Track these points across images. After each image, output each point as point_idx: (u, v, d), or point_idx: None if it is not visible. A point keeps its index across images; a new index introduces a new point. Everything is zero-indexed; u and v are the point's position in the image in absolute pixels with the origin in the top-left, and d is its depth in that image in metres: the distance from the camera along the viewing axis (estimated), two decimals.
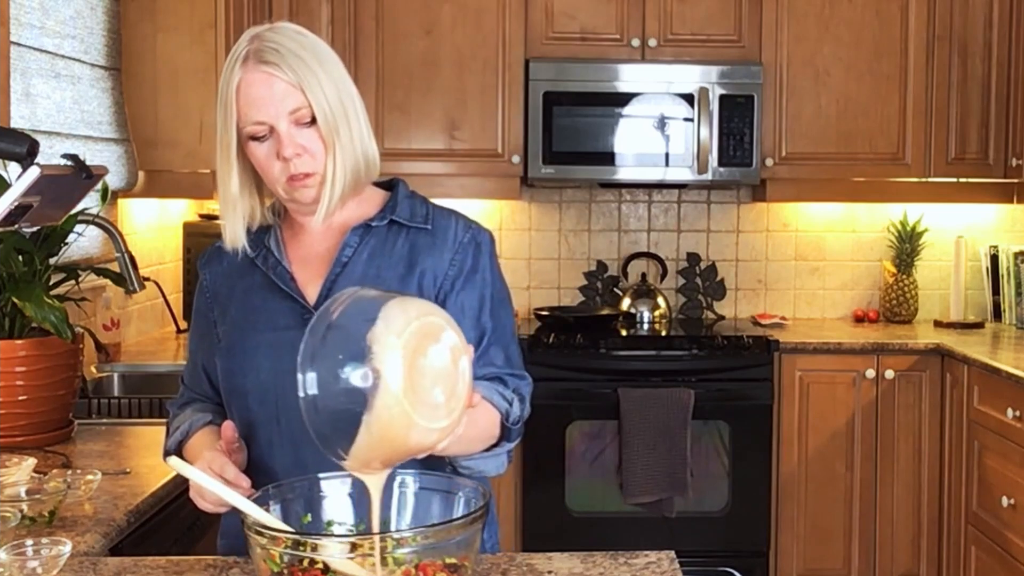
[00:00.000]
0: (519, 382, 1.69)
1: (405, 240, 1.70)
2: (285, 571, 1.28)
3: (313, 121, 1.60)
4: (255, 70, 1.60)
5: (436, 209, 1.75)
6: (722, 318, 4.54)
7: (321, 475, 1.47)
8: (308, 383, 1.26)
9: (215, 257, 1.78)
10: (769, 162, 4.18)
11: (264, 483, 1.63)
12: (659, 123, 4.09)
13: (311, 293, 1.67)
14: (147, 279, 2.97)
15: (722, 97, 4.08)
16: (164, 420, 2.73)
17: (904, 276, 4.43)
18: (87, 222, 2.70)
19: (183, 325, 3.76)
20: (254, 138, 1.61)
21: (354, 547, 1.27)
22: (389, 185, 1.78)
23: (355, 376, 1.25)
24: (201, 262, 1.81)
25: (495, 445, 1.61)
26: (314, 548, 1.27)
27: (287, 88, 1.59)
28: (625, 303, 4.42)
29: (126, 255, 2.79)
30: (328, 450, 1.30)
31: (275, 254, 1.70)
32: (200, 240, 3.86)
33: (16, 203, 1.56)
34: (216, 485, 1.43)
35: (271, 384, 1.64)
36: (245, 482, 1.51)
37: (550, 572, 1.55)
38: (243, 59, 1.60)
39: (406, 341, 1.25)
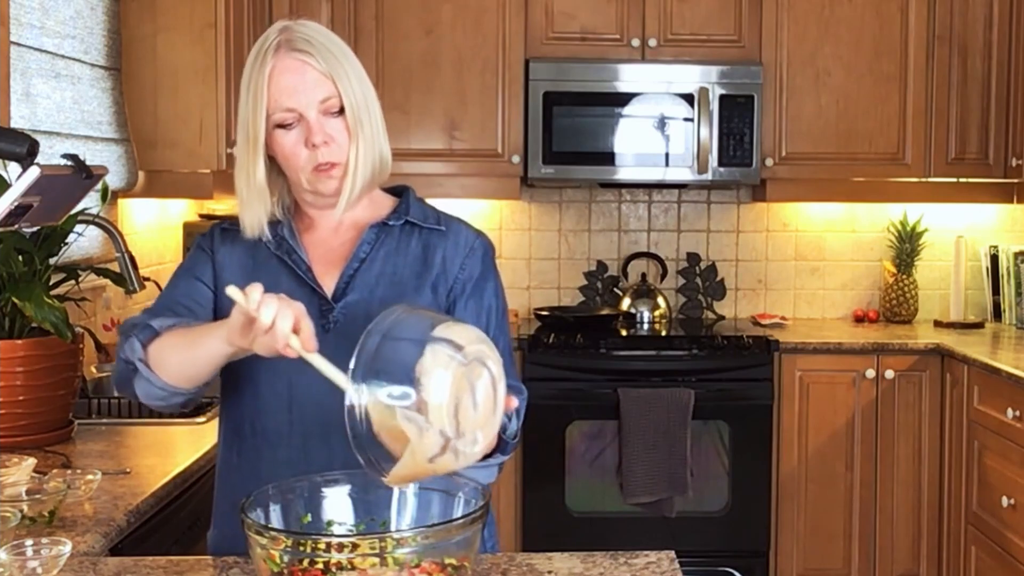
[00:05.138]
0: (517, 396, 1.71)
1: (419, 240, 1.74)
2: (285, 571, 1.28)
3: (341, 111, 1.64)
4: (288, 57, 1.63)
5: (443, 214, 1.79)
6: (722, 318, 4.54)
7: (321, 475, 1.47)
8: (360, 393, 1.30)
9: (220, 236, 1.77)
10: (769, 162, 4.18)
11: (270, 470, 1.64)
12: (659, 123, 4.09)
13: (326, 285, 1.69)
14: (147, 279, 2.96)
15: (722, 97, 4.08)
16: (164, 420, 2.74)
17: (904, 276, 4.43)
18: (87, 222, 2.70)
19: None
20: (281, 126, 1.64)
21: (354, 547, 1.27)
22: (395, 191, 1.81)
23: (403, 402, 1.30)
24: (202, 236, 1.78)
25: (488, 455, 1.62)
26: (314, 548, 1.28)
27: (319, 77, 1.63)
28: (625, 303, 4.42)
29: (126, 255, 2.79)
30: (365, 460, 1.32)
31: (289, 242, 1.71)
32: None
33: (16, 203, 1.56)
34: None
35: (284, 371, 1.64)
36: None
37: (550, 572, 1.55)
38: (275, 48, 1.63)
39: (452, 375, 1.30)
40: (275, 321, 1.37)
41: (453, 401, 1.30)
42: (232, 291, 1.41)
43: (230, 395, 1.73)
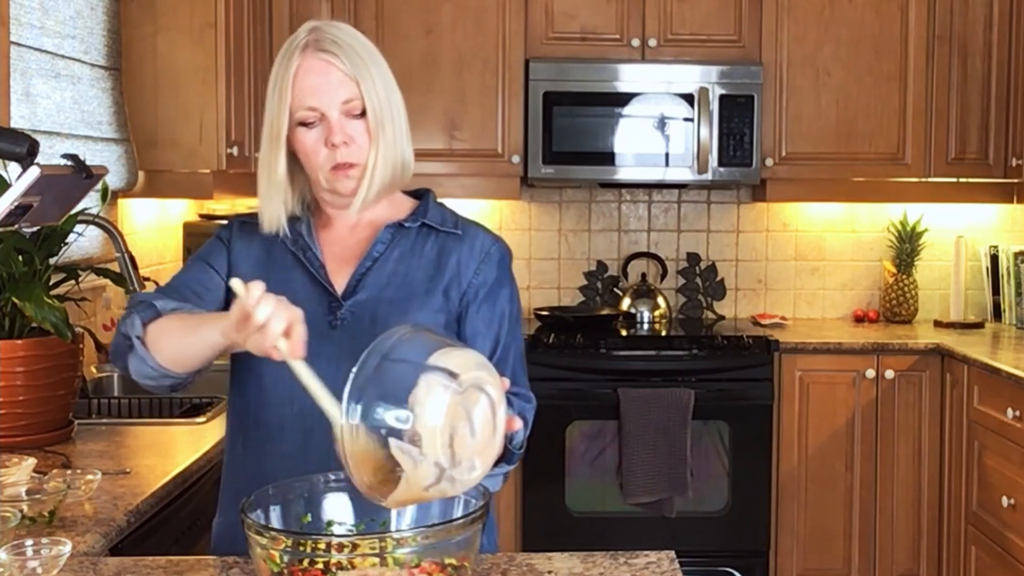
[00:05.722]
0: (525, 405, 1.72)
1: (434, 244, 1.75)
2: (285, 571, 1.28)
3: (363, 114, 1.67)
4: (314, 57, 1.66)
5: (461, 218, 1.81)
6: (722, 318, 4.54)
7: (321, 476, 1.48)
8: (352, 412, 1.30)
9: (239, 229, 1.79)
10: (769, 162, 4.18)
11: (272, 463, 1.65)
12: (659, 123, 4.09)
13: (338, 283, 1.71)
14: (147, 279, 2.97)
15: (722, 97, 4.08)
16: (164, 420, 2.74)
17: (904, 276, 4.43)
18: (87, 222, 2.70)
19: None
20: (303, 124, 1.66)
21: (354, 547, 1.27)
22: (416, 195, 1.83)
23: (395, 430, 1.29)
24: (222, 227, 1.81)
25: (494, 464, 1.62)
26: (314, 548, 1.27)
27: (343, 78, 1.65)
28: (625, 303, 4.42)
29: (126, 255, 2.80)
30: (362, 489, 1.33)
31: (305, 238, 1.74)
32: (200, 240, 3.85)
33: (16, 203, 1.56)
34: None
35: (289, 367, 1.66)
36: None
37: (550, 572, 1.55)
38: (302, 47, 1.66)
39: (446, 405, 1.29)
40: (268, 320, 1.39)
41: (447, 431, 1.29)
42: (236, 284, 1.43)
43: (236, 387, 1.76)
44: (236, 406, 1.77)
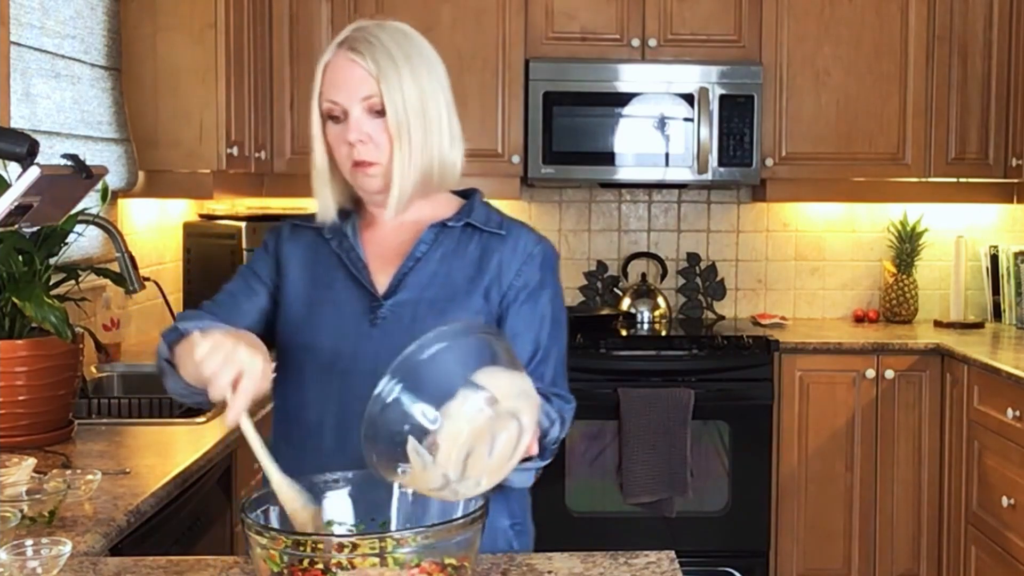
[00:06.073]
0: (563, 404, 1.72)
1: (478, 244, 1.76)
2: (285, 571, 1.28)
3: (383, 113, 1.67)
4: (343, 55, 1.69)
5: (507, 218, 1.82)
6: (722, 318, 4.54)
7: (321, 476, 1.48)
8: (389, 390, 1.31)
9: (288, 233, 1.83)
10: (769, 162, 4.18)
11: (313, 459, 1.65)
12: (659, 123, 4.09)
13: (381, 282, 1.73)
14: (147, 279, 2.97)
15: (722, 97, 4.08)
16: (164, 420, 2.74)
17: (904, 276, 4.43)
18: (87, 222, 2.70)
19: None
20: (331, 118, 1.70)
21: (354, 547, 1.27)
22: (464, 194, 1.84)
23: (418, 427, 1.30)
24: (271, 231, 1.85)
25: (526, 459, 1.62)
26: (314, 548, 1.27)
27: (365, 76, 1.67)
28: (625, 303, 4.42)
29: (126, 255, 2.79)
30: (370, 458, 1.35)
31: (350, 238, 1.76)
32: (200, 240, 3.86)
33: (16, 203, 1.56)
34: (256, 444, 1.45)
35: (329, 360, 1.69)
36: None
37: (550, 572, 1.55)
38: (338, 44, 1.70)
39: (474, 427, 1.30)
40: (214, 375, 1.43)
41: (466, 449, 1.30)
42: (195, 335, 1.48)
43: (279, 387, 1.76)
44: (278, 405, 1.80)
